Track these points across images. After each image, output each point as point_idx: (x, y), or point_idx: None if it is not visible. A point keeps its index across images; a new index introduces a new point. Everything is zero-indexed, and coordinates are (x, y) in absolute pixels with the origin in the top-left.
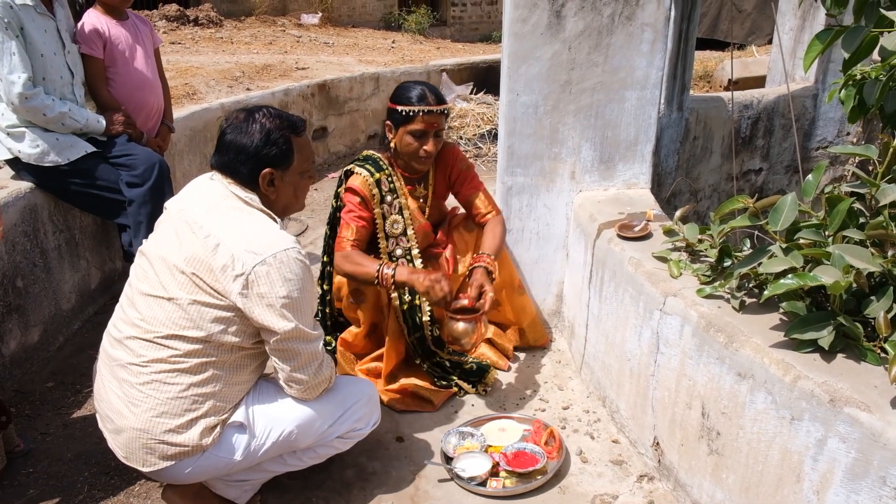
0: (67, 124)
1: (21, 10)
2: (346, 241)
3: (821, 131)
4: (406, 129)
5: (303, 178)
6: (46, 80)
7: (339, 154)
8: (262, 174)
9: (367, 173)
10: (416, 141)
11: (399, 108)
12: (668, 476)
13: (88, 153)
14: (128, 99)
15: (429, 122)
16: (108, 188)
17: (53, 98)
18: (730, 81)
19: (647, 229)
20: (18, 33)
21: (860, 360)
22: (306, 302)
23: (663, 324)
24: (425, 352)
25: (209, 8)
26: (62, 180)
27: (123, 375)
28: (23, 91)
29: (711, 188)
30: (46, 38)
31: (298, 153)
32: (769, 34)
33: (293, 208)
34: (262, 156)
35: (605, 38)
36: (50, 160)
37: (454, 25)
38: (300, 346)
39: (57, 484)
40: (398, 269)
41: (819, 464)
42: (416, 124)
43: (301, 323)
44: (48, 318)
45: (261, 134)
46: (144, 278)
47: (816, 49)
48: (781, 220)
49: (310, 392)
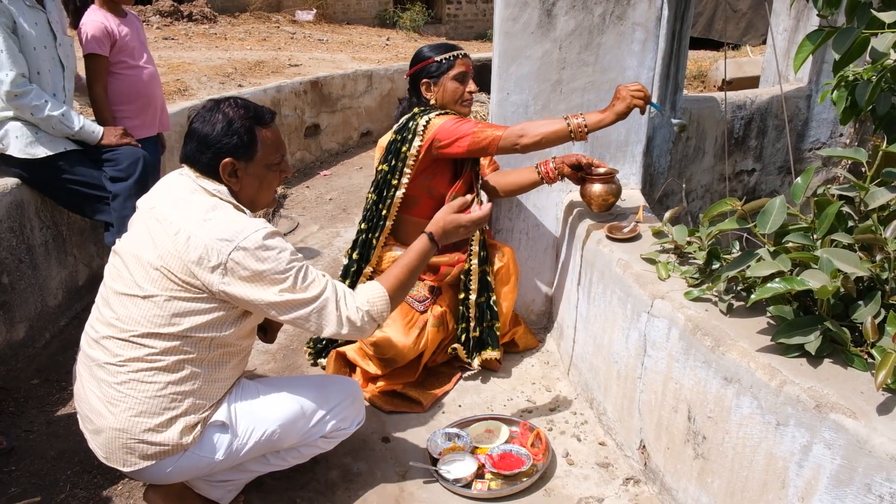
0: (58, 128)
1: (12, 4)
2: (497, 127)
3: (814, 132)
4: (449, 76)
5: (270, 171)
6: (41, 74)
7: (331, 151)
8: (223, 164)
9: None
10: (460, 84)
11: (437, 58)
12: (654, 480)
13: (68, 150)
14: (139, 94)
15: (466, 64)
16: (88, 184)
17: (47, 99)
18: (724, 81)
19: (636, 230)
20: (11, 28)
21: (847, 366)
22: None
23: (650, 326)
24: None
25: (203, 4)
26: (42, 173)
27: (101, 375)
28: (11, 89)
29: (704, 188)
30: (38, 31)
31: (263, 145)
32: (764, 34)
33: (260, 202)
34: (222, 145)
35: (596, 37)
36: (28, 152)
37: (449, 23)
38: (304, 312)
39: (39, 482)
40: (587, 116)
41: (804, 470)
42: (457, 68)
43: (290, 292)
44: (34, 315)
45: (223, 124)
46: (119, 277)
47: (807, 50)
48: (770, 224)
49: (354, 334)
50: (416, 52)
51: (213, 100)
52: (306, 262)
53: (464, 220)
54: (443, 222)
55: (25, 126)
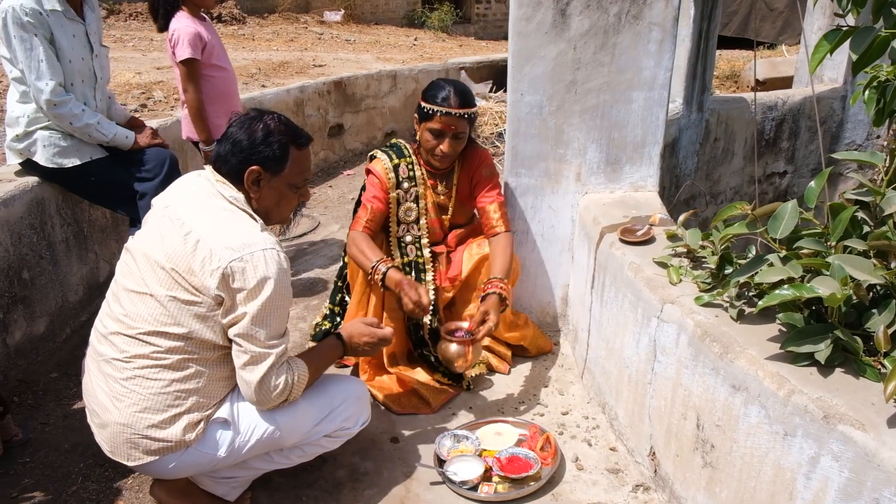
0: (94, 136)
1: (50, 16)
2: (360, 221)
3: (849, 134)
4: (426, 126)
5: (290, 191)
6: (74, 85)
7: (355, 151)
8: (250, 170)
9: (387, 158)
10: (433, 139)
11: (422, 105)
12: (663, 487)
13: (94, 158)
14: (224, 95)
15: (446, 124)
16: (115, 186)
17: (83, 108)
18: (757, 81)
19: (649, 234)
20: (49, 39)
21: (859, 376)
22: (275, 305)
23: (660, 331)
24: (417, 340)
25: (233, 5)
26: (69, 180)
27: (108, 370)
28: (51, 98)
29: (733, 191)
30: (75, 44)
31: (293, 163)
32: (801, 33)
33: (274, 216)
34: (256, 152)
35: (612, 37)
36: (56, 162)
37: (478, 23)
38: (250, 347)
39: (52, 474)
40: (390, 272)
41: (812, 482)
42: (434, 123)
43: (258, 325)
44: (54, 310)
45: (262, 133)
46: (129, 274)
47: (824, 50)
48: (781, 228)
49: (261, 400)
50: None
51: (258, 110)
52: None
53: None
54: (351, 326)
55: (54, 136)
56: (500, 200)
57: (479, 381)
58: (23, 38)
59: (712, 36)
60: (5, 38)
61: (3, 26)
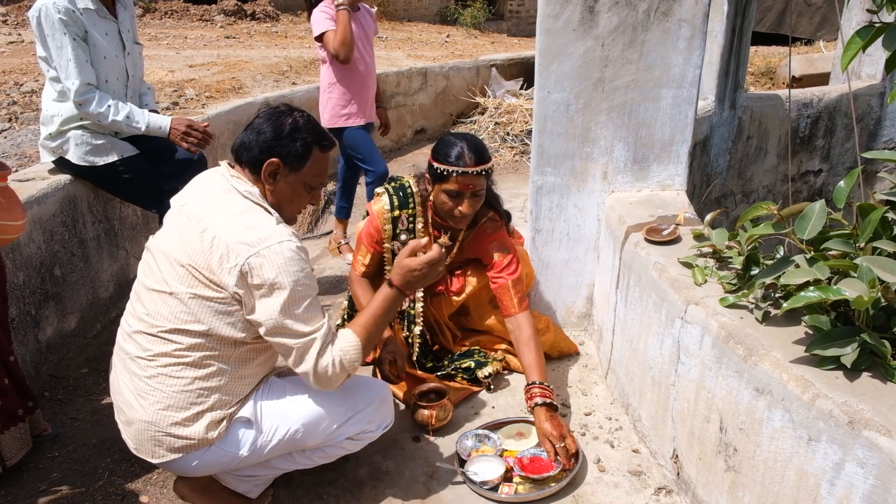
0: (127, 130)
1: (84, 14)
2: (359, 264)
3: (888, 131)
4: (441, 188)
5: (304, 190)
6: (108, 82)
7: (384, 149)
8: (269, 161)
9: (388, 207)
10: (450, 200)
11: (435, 165)
12: (686, 490)
13: (125, 156)
14: (360, 86)
15: (464, 184)
16: (145, 184)
17: (109, 105)
18: (793, 78)
19: (675, 233)
20: (83, 38)
21: (886, 381)
22: (300, 294)
23: (684, 333)
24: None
25: (266, 2)
26: (101, 178)
27: (133, 368)
28: (76, 98)
29: (766, 189)
30: (108, 42)
31: (313, 164)
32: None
33: (284, 212)
34: (279, 145)
35: (640, 34)
36: (87, 160)
37: (511, 20)
38: (290, 342)
39: (79, 469)
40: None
41: (836, 489)
42: (450, 184)
43: (289, 317)
44: (85, 306)
45: (290, 128)
46: (150, 273)
47: (856, 47)
48: (808, 229)
49: (323, 384)
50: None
51: (288, 105)
52: (315, 293)
53: (414, 263)
54: (398, 267)
55: (86, 134)
56: (513, 278)
57: (500, 381)
58: (54, 38)
59: (746, 32)
60: (40, 38)
61: (38, 25)
